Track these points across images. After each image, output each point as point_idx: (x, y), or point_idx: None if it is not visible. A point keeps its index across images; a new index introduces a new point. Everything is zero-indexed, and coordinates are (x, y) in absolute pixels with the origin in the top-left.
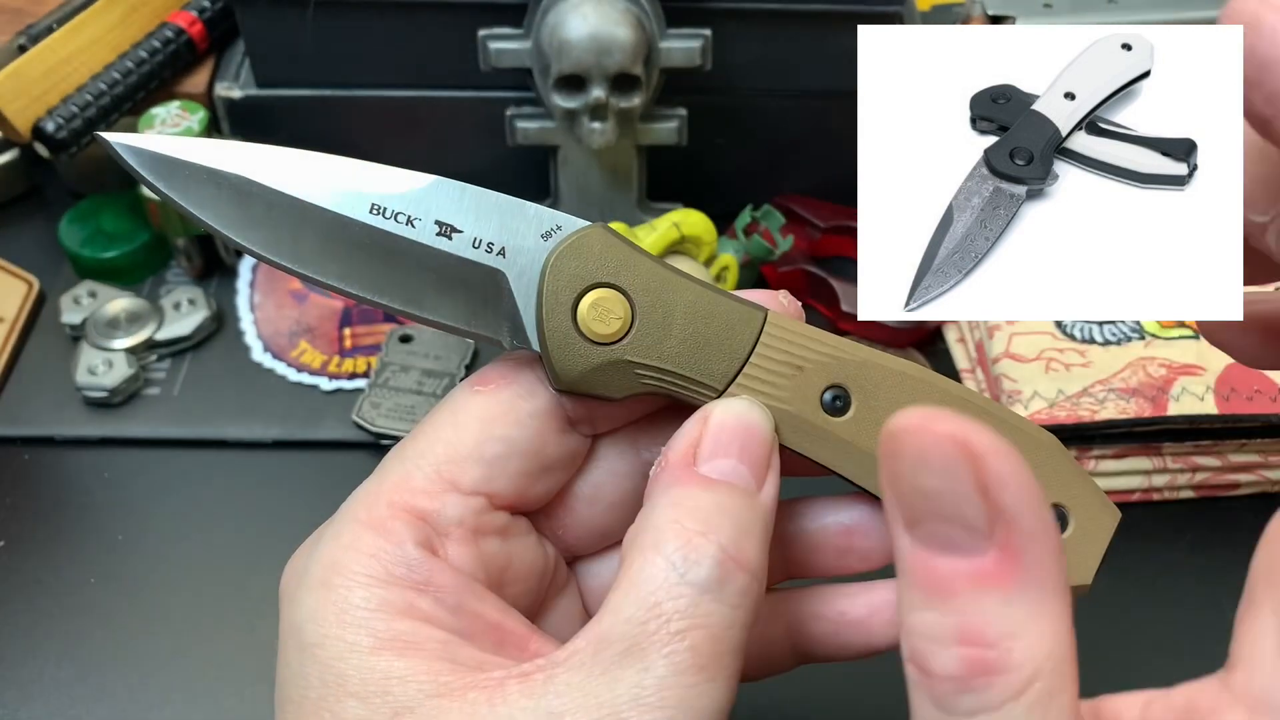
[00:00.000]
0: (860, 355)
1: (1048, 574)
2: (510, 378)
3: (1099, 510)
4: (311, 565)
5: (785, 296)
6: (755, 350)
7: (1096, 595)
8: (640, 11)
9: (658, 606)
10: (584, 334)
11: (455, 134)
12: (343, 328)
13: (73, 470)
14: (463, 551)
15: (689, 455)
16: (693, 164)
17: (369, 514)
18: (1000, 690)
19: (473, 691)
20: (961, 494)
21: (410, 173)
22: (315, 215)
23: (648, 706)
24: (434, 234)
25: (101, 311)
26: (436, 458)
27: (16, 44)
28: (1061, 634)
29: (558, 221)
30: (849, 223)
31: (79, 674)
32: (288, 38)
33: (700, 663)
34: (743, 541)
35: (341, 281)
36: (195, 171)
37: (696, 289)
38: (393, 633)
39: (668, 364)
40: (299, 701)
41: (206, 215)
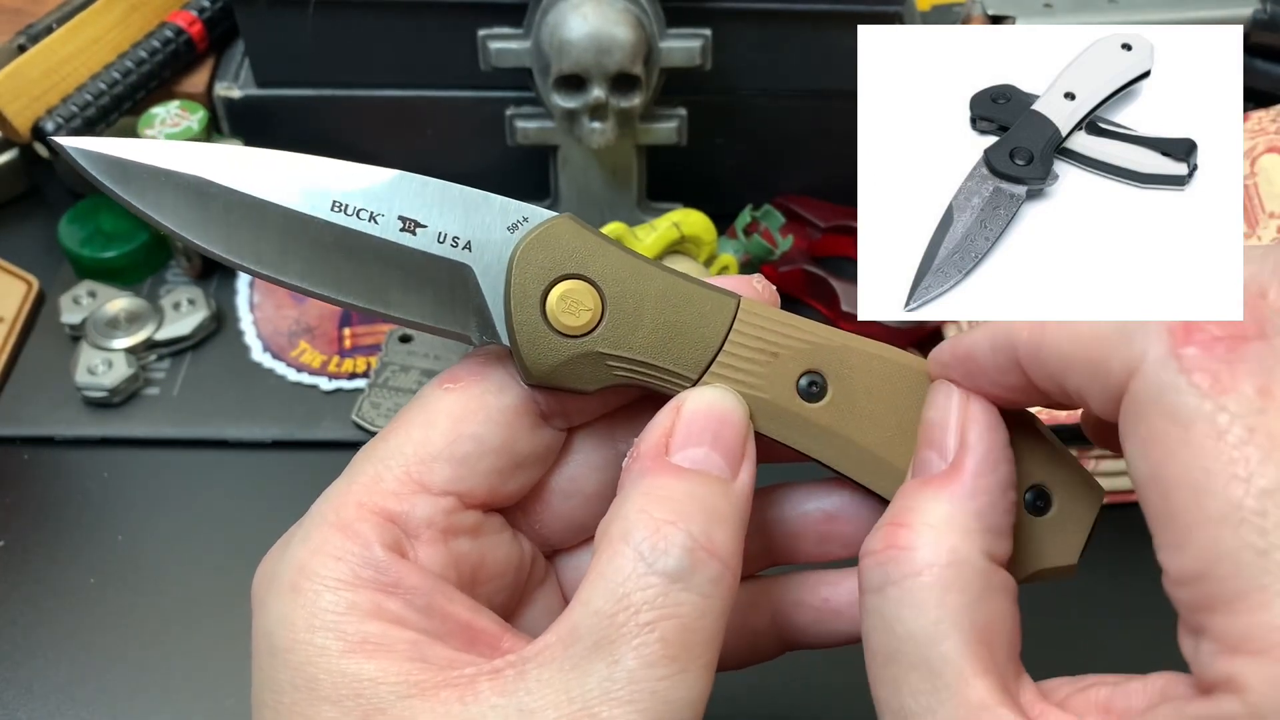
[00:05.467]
0: (836, 340)
1: (978, 495)
2: (480, 374)
3: (1083, 490)
4: (280, 569)
5: (760, 282)
6: (729, 338)
7: (1097, 594)
8: (640, 11)
9: (626, 598)
10: (554, 327)
11: (455, 134)
12: (342, 327)
13: (73, 470)
14: (433, 552)
15: (661, 445)
16: (693, 164)
17: (338, 516)
18: (904, 565)
19: (444, 690)
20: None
21: (372, 168)
22: (275, 214)
23: (618, 700)
24: (398, 229)
25: (101, 311)
26: (406, 458)
27: (16, 44)
28: (973, 550)
29: (524, 213)
30: (849, 223)
31: (79, 674)
32: (288, 38)
33: (671, 653)
34: (714, 530)
35: (304, 281)
36: (152, 174)
37: (667, 278)
38: (362, 635)
39: (640, 354)
40: (274, 706)
41: (165, 218)
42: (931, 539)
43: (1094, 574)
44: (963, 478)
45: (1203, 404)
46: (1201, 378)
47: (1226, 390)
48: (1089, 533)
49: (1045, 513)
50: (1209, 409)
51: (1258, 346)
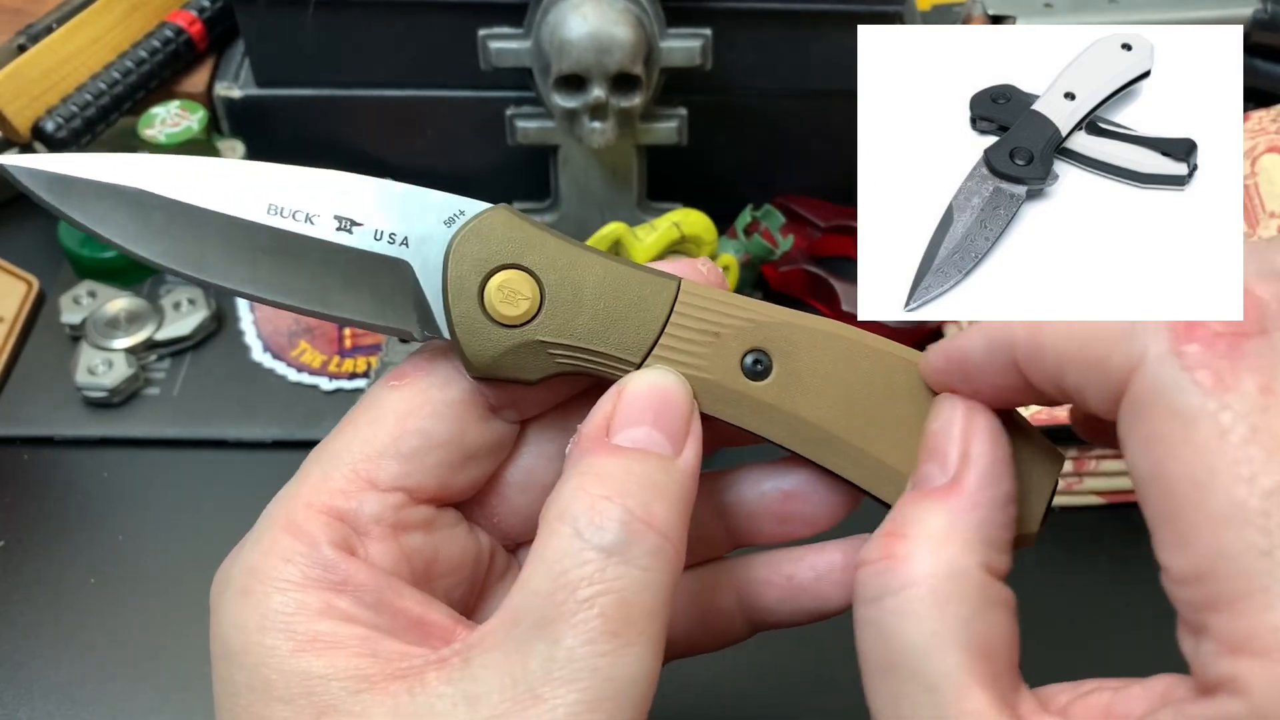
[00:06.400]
0: (779, 317)
1: (979, 508)
2: (426, 369)
3: (1042, 458)
4: (233, 573)
5: (705, 265)
6: (670, 320)
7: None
8: (640, 11)
9: (564, 575)
10: (492, 317)
11: (455, 134)
12: (342, 328)
13: (73, 470)
14: (383, 548)
15: (602, 428)
16: (693, 164)
17: (287, 517)
18: (902, 576)
19: (394, 683)
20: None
21: (307, 169)
22: (213, 221)
23: (560, 680)
24: (334, 229)
25: (101, 311)
26: (353, 456)
27: (16, 44)
28: (971, 563)
29: (460, 207)
30: (849, 223)
31: (79, 674)
32: (288, 37)
33: (612, 629)
34: (653, 504)
35: (247, 286)
36: (92, 188)
37: (605, 264)
38: (312, 634)
39: (581, 341)
40: (230, 710)
41: (108, 231)
42: (929, 550)
43: (1094, 574)
44: (964, 490)
45: (1206, 402)
46: (1204, 375)
47: (1229, 388)
48: (1049, 501)
49: None
50: (1212, 407)
51: (1259, 343)
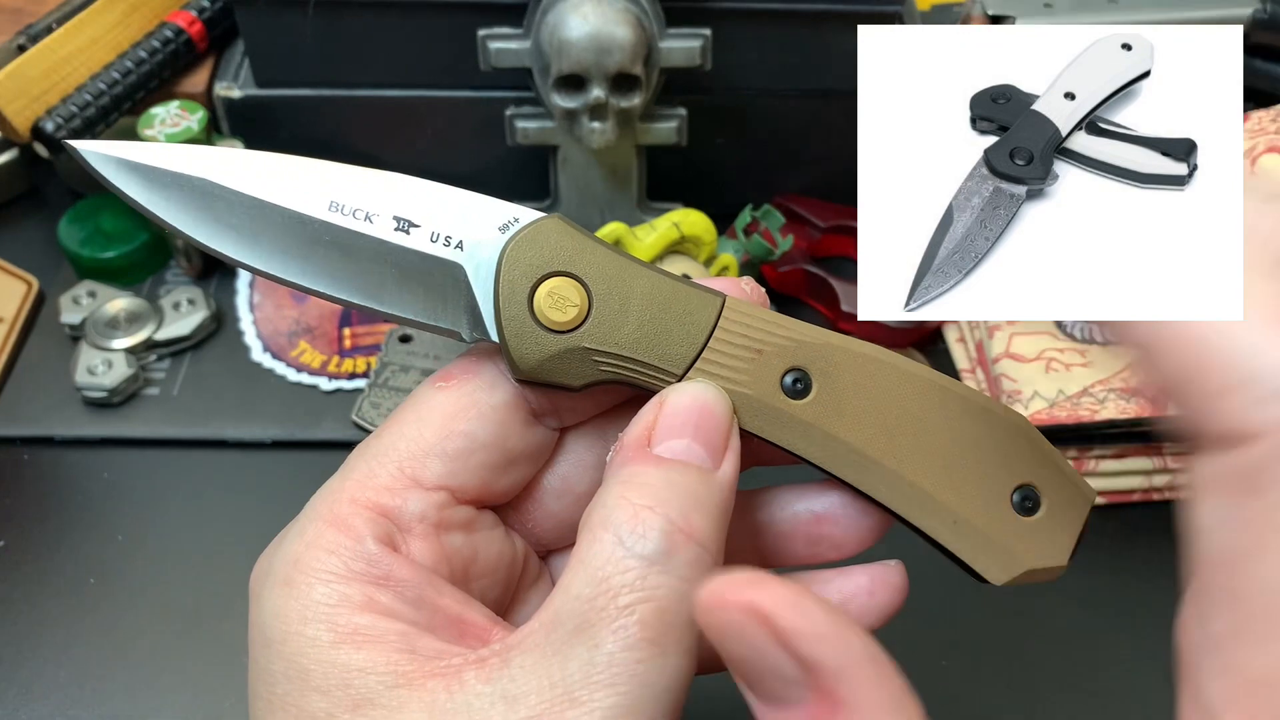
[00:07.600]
0: (820, 338)
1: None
2: (473, 372)
3: (1072, 491)
4: (275, 563)
5: (748, 284)
6: (713, 335)
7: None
8: (640, 11)
9: (606, 581)
10: (541, 322)
11: (455, 134)
12: (342, 328)
13: (73, 470)
14: (425, 546)
15: (643, 438)
16: (693, 164)
17: (331, 511)
18: None
19: (431, 680)
20: (769, 654)
21: (369, 170)
22: (275, 214)
23: (599, 684)
24: (392, 229)
25: (101, 311)
26: (399, 454)
27: (16, 44)
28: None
29: (514, 214)
30: (849, 223)
31: (79, 674)
32: (287, 38)
33: (650, 636)
34: (693, 515)
35: (302, 278)
36: (160, 176)
37: (653, 276)
38: (352, 626)
39: (625, 350)
40: (267, 698)
41: (172, 218)
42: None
43: (1094, 574)
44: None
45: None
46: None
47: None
48: (1079, 534)
49: (1034, 513)
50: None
51: None
